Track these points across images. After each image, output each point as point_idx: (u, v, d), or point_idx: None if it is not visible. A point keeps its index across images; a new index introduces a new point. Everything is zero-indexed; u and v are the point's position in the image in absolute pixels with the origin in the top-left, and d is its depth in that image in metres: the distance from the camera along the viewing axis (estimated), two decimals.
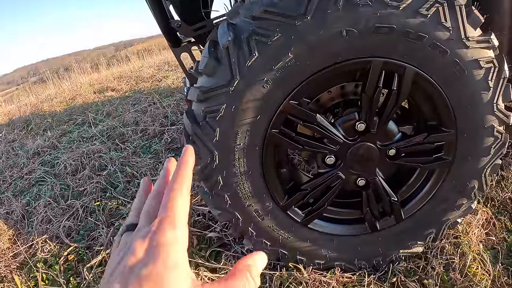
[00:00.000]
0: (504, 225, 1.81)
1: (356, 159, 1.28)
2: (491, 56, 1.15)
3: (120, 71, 6.60)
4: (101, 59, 8.16)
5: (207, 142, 1.20)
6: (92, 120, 3.63)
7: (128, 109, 3.90)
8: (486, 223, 1.82)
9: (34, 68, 19.94)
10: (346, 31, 1.05)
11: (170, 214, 0.44)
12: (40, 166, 2.87)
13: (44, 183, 2.59)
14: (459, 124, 1.24)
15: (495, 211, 1.90)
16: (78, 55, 23.71)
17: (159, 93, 4.36)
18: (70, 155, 2.88)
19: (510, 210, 1.91)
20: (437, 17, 1.07)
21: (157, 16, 1.81)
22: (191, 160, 0.50)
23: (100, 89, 5.21)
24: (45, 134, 3.62)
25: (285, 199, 1.35)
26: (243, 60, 1.08)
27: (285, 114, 1.17)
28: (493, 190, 2.02)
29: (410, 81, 1.15)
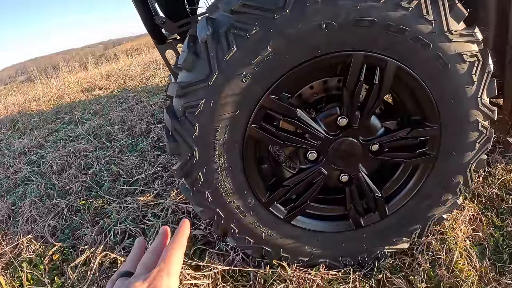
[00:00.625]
0: (491, 221, 1.81)
1: (338, 155, 1.26)
2: (475, 50, 1.13)
3: (109, 69, 6.55)
4: (90, 58, 8.10)
5: (186, 138, 1.18)
6: (79, 119, 3.59)
7: (115, 108, 3.87)
8: (473, 219, 1.81)
9: (22, 67, 19.75)
10: (326, 24, 1.03)
11: (168, 266, 0.56)
12: (26, 166, 2.83)
13: (30, 183, 2.55)
14: (443, 118, 1.22)
15: (482, 207, 1.89)
16: (67, 53, 23.53)
17: (147, 92, 4.35)
18: (56, 154, 2.85)
19: (497, 206, 1.91)
20: (419, 10, 1.05)
21: (142, 12, 1.78)
22: (187, 230, 0.64)
23: (88, 88, 5.16)
24: (32, 133, 3.58)
25: (267, 196, 1.33)
26: (222, 55, 1.06)
27: (265, 109, 1.15)
28: (480, 186, 2.02)
29: (392, 75, 1.13)
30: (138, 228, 1.82)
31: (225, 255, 1.59)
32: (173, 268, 0.57)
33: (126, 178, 2.34)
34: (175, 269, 0.57)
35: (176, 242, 0.61)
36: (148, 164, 2.41)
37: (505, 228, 1.75)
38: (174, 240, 0.61)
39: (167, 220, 1.84)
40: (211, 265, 1.51)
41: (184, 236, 0.63)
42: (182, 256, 0.61)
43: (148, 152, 2.64)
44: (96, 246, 1.80)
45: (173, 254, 0.58)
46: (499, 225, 1.78)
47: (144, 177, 2.26)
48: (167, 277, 0.55)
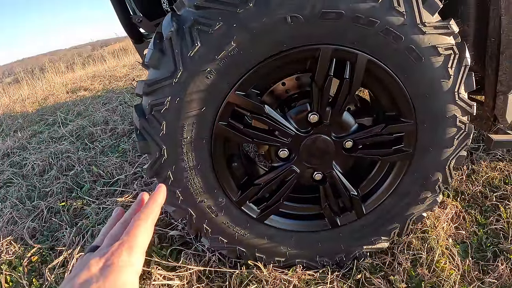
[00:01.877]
0: (474, 219, 1.78)
1: (310, 152, 1.23)
2: (450, 43, 1.10)
3: (95, 70, 6.51)
4: (77, 59, 8.05)
5: (154, 136, 1.15)
6: (63, 120, 3.55)
7: (98, 109, 3.83)
8: (456, 217, 1.78)
9: (9, 68, 19.62)
10: (291, 18, 1.00)
11: (130, 240, 0.50)
12: (8, 168, 2.79)
13: (12, 185, 2.51)
14: (419, 114, 1.19)
15: (465, 204, 1.87)
16: (54, 54, 23.36)
17: (131, 92, 4.29)
18: (39, 156, 2.81)
19: (480, 203, 1.88)
20: (389, 1, 1.02)
21: (119, 11, 1.75)
22: (161, 197, 0.58)
23: (73, 89, 5.12)
24: (15, 135, 3.54)
25: (239, 195, 1.29)
26: (186, 51, 1.03)
27: (232, 105, 1.11)
28: (464, 184, 1.99)
29: (363, 69, 1.10)
30: None
31: (201, 256, 1.55)
32: (136, 242, 0.50)
33: (106, 179, 2.30)
34: (140, 242, 0.50)
35: (145, 212, 0.54)
36: (129, 164, 2.37)
37: (488, 226, 1.72)
38: (143, 210, 0.55)
39: None
40: (186, 265, 1.48)
41: (156, 204, 0.56)
42: (152, 228, 0.54)
43: (129, 152, 2.60)
44: (74, 247, 1.76)
45: (139, 225, 0.52)
46: (482, 222, 1.75)
47: (124, 178, 2.22)
48: (128, 253, 0.48)
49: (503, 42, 1.34)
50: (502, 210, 1.77)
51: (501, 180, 2.02)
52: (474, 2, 1.39)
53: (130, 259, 0.48)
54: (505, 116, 1.51)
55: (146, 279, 1.48)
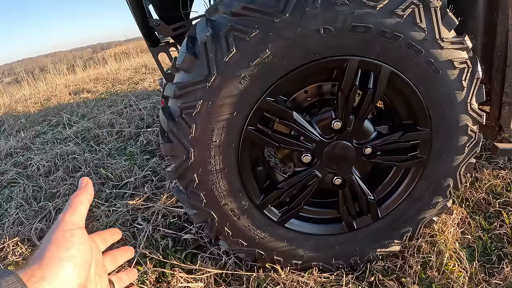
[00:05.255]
0: (479, 224, 1.86)
1: (332, 158, 1.29)
2: (465, 57, 1.18)
3: (97, 73, 6.48)
4: (78, 60, 8.00)
5: (182, 139, 1.19)
6: (67, 121, 3.54)
7: (103, 111, 3.83)
8: (462, 223, 1.86)
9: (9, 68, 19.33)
10: (324, 29, 1.06)
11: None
12: (12, 168, 2.77)
13: (16, 185, 2.49)
14: (434, 123, 1.26)
15: (469, 211, 1.95)
16: (55, 56, 23.10)
17: (136, 96, 4.32)
18: (44, 157, 2.79)
19: (484, 210, 1.97)
20: (412, 17, 1.09)
21: (136, 14, 1.79)
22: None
23: (75, 91, 5.10)
24: (18, 135, 3.50)
25: (261, 198, 1.34)
26: (221, 56, 1.08)
27: (262, 111, 1.17)
28: (468, 191, 2.08)
29: (386, 79, 1.17)
30: (128, 231, 1.80)
31: (217, 259, 1.58)
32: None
33: (115, 181, 2.31)
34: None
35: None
36: (138, 167, 2.39)
37: (493, 231, 1.80)
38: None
39: (157, 224, 1.83)
40: (204, 268, 1.51)
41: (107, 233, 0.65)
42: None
43: (137, 155, 2.61)
44: None
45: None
46: (487, 228, 1.83)
47: (134, 181, 2.24)
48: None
49: (510, 56, 1.42)
50: (505, 216, 1.86)
51: (504, 188, 2.12)
52: (482, 17, 1.47)
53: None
54: (510, 126, 1.60)
55: (163, 282, 1.50)
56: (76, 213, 0.54)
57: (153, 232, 1.78)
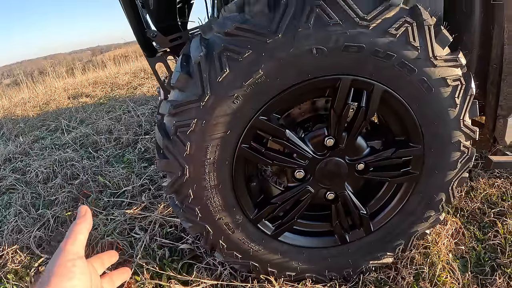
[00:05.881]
0: (473, 235, 1.88)
1: (325, 174, 1.31)
2: (458, 74, 1.19)
3: (96, 76, 6.50)
4: (77, 63, 8.02)
5: (177, 156, 1.20)
6: (65, 127, 3.56)
7: (102, 117, 3.86)
8: (456, 233, 1.88)
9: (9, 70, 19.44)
10: (316, 49, 1.07)
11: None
12: (11, 173, 2.79)
13: (15, 191, 2.51)
14: (426, 139, 1.28)
15: (464, 221, 1.97)
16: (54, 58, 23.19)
17: (134, 101, 4.34)
18: (42, 163, 2.81)
19: (479, 220, 1.99)
20: (405, 36, 1.10)
21: (134, 25, 1.80)
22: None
23: (74, 95, 5.12)
24: (17, 139, 3.52)
25: (255, 213, 1.36)
26: (214, 76, 1.09)
27: (255, 129, 1.18)
28: (462, 201, 2.10)
29: (378, 98, 1.18)
30: (126, 241, 1.82)
31: (213, 270, 1.60)
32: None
33: (113, 189, 2.33)
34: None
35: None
36: (135, 176, 2.41)
37: (486, 242, 1.82)
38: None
39: (154, 233, 1.85)
40: (200, 280, 1.53)
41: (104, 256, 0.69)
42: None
43: (135, 163, 2.63)
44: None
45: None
46: (481, 238, 1.85)
47: (131, 189, 2.25)
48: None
49: (505, 70, 1.43)
50: (499, 226, 1.88)
51: (499, 197, 2.14)
52: (478, 30, 1.48)
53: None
54: (504, 138, 1.61)
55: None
56: (76, 242, 0.57)
57: (150, 242, 1.80)
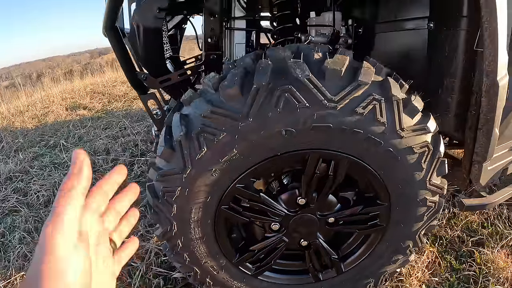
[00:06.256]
0: (449, 264, 2.11)
1: (298, 227, 1.54)
2: (426, 141, 1.33)
3: (93, 83, 6.73)
4: (75, 66, 8.25)
5: (166, 214, 1.45)
6: (64, 144, 3.84)
7: (99, 134, 4.12)
8: (432, 263, 2.12)
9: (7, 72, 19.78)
10: (285, 131, 1.27)
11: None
12: (13, 194, 3.06)
13: (18, 214, 2.80)
14: (393, 198, 1.47)
15: (442, 250, 2.19)
16: (52, 60, 23.38)
17: (131, 117, 4.58)
18: (43, 184, 3.09)
19: (457, 248, 2.21)
20: (373, 113, 1.24)
21: (125, 68, 2.02)
22: (115, 177, 0.56)
23: (72, 106, 5.40)
24: (16, 156, 3.81)
25: (237, 257, 1.60)
26: (194, 153, 1.31)
27: (233, 194, 1.42)
28: (443, 229, 2.32)
29: (346, 167, 1.39)
30: (124, 270, 2.11)
31: None
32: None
33: None
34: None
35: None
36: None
37: (461, 272, 2.04)
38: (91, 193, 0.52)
39: (150, 262, 2.13)
40: None
41: (108, 184, 0.55)
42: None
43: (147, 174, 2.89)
44: None
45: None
46: (456, 268, 2.07)
47: None
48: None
49: (481, 120, 1.52)
50: (476, 256, 2.11)
51: (480, 224, 2.36)
52: (460, 76, 1.60)
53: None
54: (479, 181, 1.75)
55: None
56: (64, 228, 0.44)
57: (146, 270, 2.09)
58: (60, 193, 0.47)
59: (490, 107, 1.49)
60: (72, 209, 0.46)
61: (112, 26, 1.89)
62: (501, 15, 1.35)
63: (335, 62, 1.26)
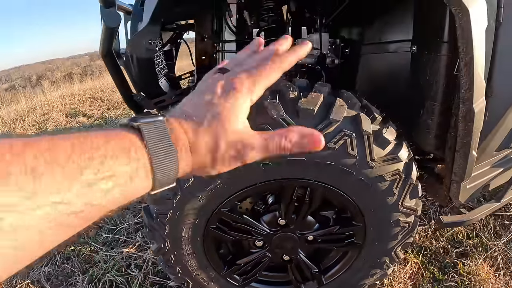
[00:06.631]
0: (432, 275, 2.34)
1: (279, 244, 1.81)
2: (397, 169, 1.51)
3: (93, 88, 7.04)
4: (75, 68, 8.57)
5: (160, 232, 1.73)
6: None
7: None
8: (415, 274, 2.36)
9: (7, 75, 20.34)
10: (263, 164, 1.52)
11: (259, 78, 0.56)
12: None
13: None
14: (367, 220, 1.69)
15: (426, 261, 2.42)
16: (52, 63, 23.86)
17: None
18: None
19: (441, 259, 2.44)
20: (344, 147, 1.41)
21: (121, 90, 2.28)
22: (302, 52, 0.63)
23: (72, 113, 5.72)
24: None
25: (225, 270, 1.87)
26: (183, 181, 1.58)
27: (219, 216, 1.69)
28: (428, 240, 2.56)
29: (321, 193, 1.64)
30: (123, 278, 2.41)
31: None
32: (263, 81, 0.57)
33: (110, 225, 2.91)
34: (264, 84, 0.57)
35: (283, 59, 0.60)
36: (131, 213, 2.98)
37: (444, 283, 2.27)
38: (285, 56, 0.61)
39: (148, 271, 2.43)
40: None
41: (295, 57, 0.63)
42: (279, 75, 0.59)
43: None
44: None
45: (273, 70, 0.58)
46: (439, 279, 2.30)
47: (127, 227, 2.83)
48: (252, 84, 0.56)
49: (458, 143, 1.68)
50: (460, 267, 2.36)
51: (465, 235, 2.59)
52: (440, 100, 1.75)
53: (252, 89, 0.56)
54: (459, 199, 1.90)
55: None
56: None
57: (144, 279, 2.38)
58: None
59: (467, 131, 1.62)
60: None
61: (108, 52, 2.13)
62: (478, 44, 1.45)
63: (308, 101, 1.48)
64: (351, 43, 2.42)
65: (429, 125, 1.87)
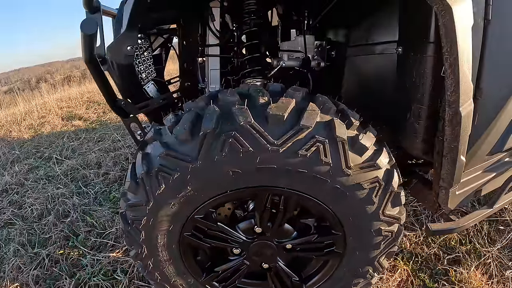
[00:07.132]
0: (422, 283, 2.33)
1: (257, 252, 1.83)
2: (376, 176, 1.49)
3: (90, 91, 7.17)
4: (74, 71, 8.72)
5: (136, 238, 1.76)
6: (58, 157, 4.24)
7: (92, 147, 4.54)
8: (404, 281, 2.35)
9: (6, 78, 20.83)
10: (233, 172, 1.53)
11: None
12: (8, 206, 3.49)
13: (13, 226, 3.21)
14: (346, 228, 1.69)
15: (416, 268, 2.41)
16: (51, 65, 24.28)
17: (123, 129, 4.93)
18: (36, 197, 3.50)
19: (432, 266, 2.42)
20: (317, 154, 1.41)
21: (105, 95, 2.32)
22: None
23: (68, 116, 5.87)
24: (12, 168, 4.26)
25: (204, 277, 1.91)
26: (154, 189, 1.59)
27: (193, 223, 1.71)
28: (419, 247, 2.55)
29: (295, 201, 1.65)
30: (109, 282, 2.45)
31: None
32: None
33: (99, 229, 2.98)
34: None
35: None
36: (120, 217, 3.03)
37: None
38: None
39: (133, 276, 2.47)
40: None
41: None
42: None
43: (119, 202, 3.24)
44: None
45: None
46: (429, 287, 2.30)
47: (115, 231, 2.89)
48: None
49: (446, 148, 1.63)
50: (451, 274, 2.33)
51: (458, 241, 2.57)
52: (427, 103, 1.74)
53: None
54: (447, 205, 1.87)
55: None
56: None
57: (129, 284, 2.43)
58: None
59: (454, 136, 1.59)
60: None
61: (90, 58, 2.17)
62: (463, 44, 1.42)
63: (278, 107, 1.48)
64: (337, 45, 2.42)
65: (416, 128, 1.85)
